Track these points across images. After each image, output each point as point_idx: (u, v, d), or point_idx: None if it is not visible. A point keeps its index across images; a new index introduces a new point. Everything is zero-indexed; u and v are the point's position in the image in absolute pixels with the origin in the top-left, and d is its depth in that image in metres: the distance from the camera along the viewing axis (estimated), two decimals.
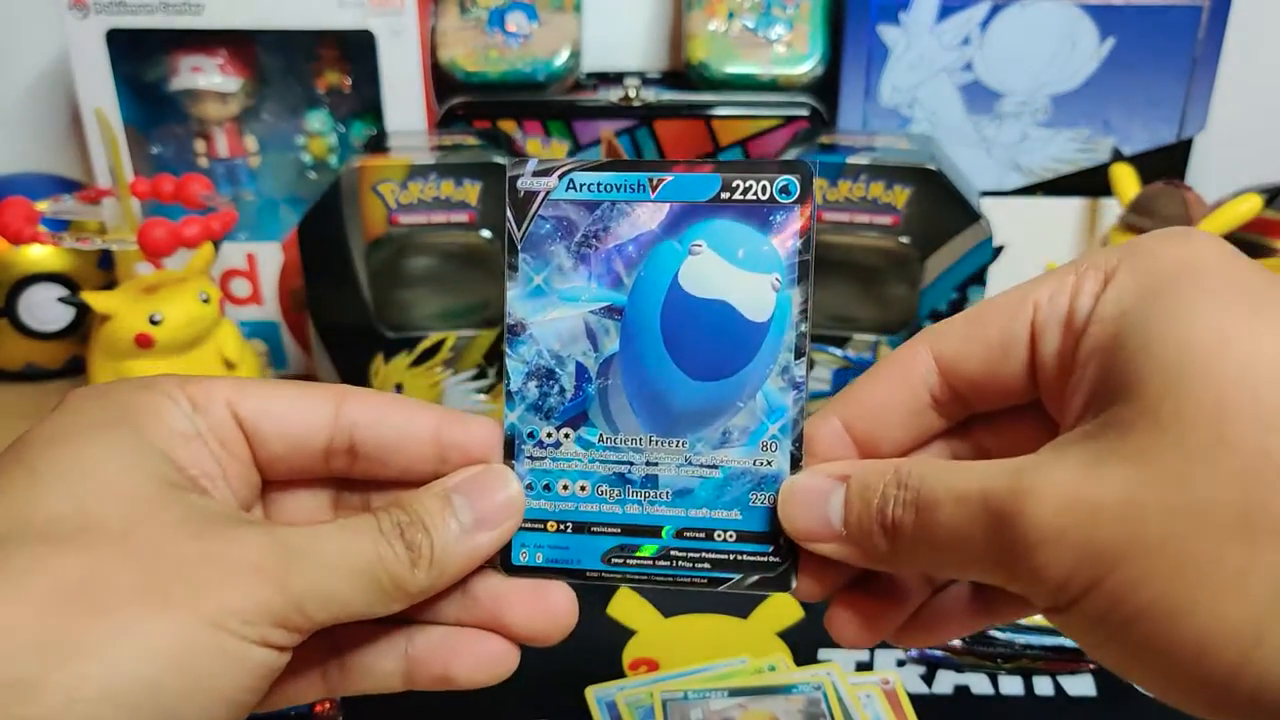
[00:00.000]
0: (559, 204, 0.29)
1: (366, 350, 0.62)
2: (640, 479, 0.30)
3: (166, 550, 0.24)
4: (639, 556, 0.30)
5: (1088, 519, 0.21)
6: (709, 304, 0.29)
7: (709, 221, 0.29)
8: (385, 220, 0.59)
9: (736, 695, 0.45)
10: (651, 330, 0.30)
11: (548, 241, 0.29)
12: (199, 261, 0.65)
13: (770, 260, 0.29)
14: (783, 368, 0.29)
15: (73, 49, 0.68)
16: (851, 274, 0.63)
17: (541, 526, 0.30)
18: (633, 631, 0.51)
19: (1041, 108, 0.72)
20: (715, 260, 0.29)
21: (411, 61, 0.70)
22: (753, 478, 0.29)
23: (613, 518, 0.30)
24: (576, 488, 0.30)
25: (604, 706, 0.45)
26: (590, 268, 0.30)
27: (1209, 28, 0.69)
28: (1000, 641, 0.48)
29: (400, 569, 0.26)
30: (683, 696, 0.45)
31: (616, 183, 0.29)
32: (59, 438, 0.26)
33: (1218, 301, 0.22)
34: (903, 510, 0.24)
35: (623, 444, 0.30)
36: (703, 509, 0.30)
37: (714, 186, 0.29)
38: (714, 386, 0.29)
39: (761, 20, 0.73)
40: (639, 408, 0.30)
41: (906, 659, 0.49)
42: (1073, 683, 0.47)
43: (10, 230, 0.60)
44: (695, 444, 0.30)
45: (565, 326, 0.30)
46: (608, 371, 0.30)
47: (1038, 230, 0.74)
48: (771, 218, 0.29)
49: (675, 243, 0.29)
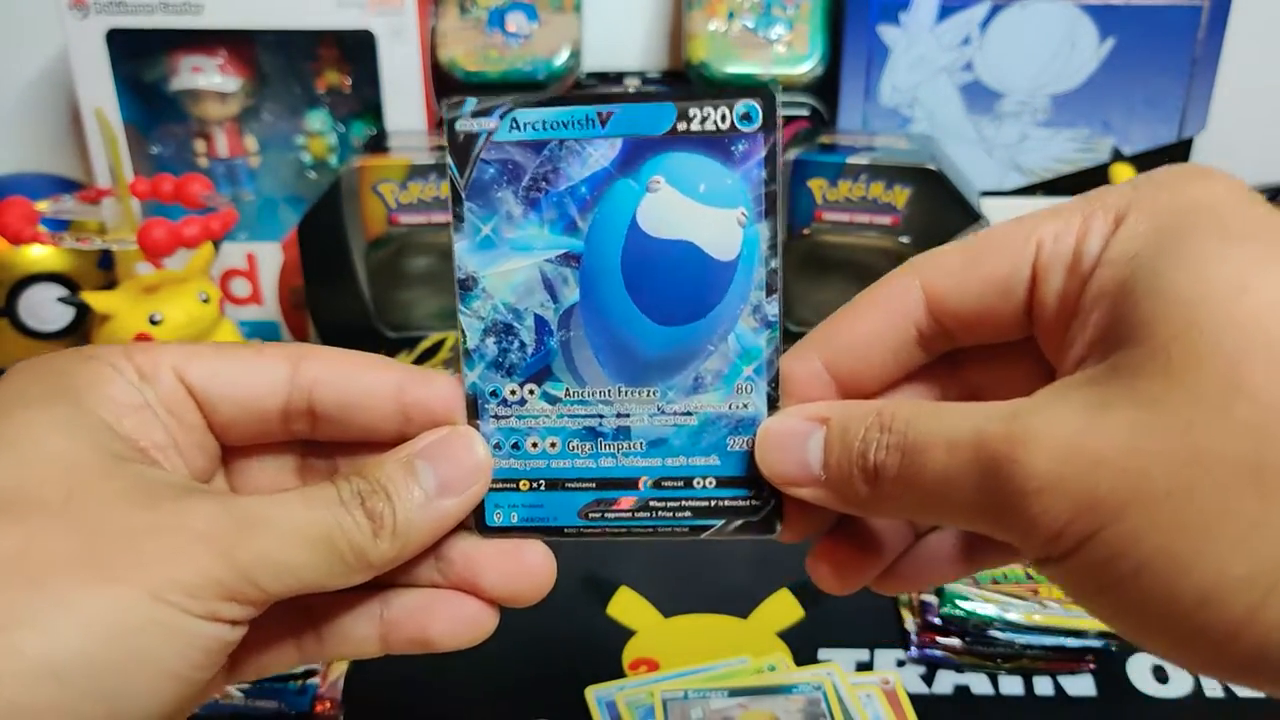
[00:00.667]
0: (503, 146, 0.27)
1: (366, 350, 0.62)
2: (612, 431, 0.29)
3: (108, 521, 0.23)
4: (617, 510, 0.29)
5: (1089, 467, 0.20)
6: (672, 244, 0.27)
7: (666, 155, 0.27)
8: (385, 220, 0.59)
9: (736, 695, 0.45)
10: (612, 276, 0.28)
11: (494, 187, 0.27)
12: (199, 261, 0.65)
13: (735, 194, 0.27)
14: (754, 306, 0.28)
15: (72, 49, 0.68)
16: (851, 274, 0.63)
17: (514, 486, 0.29)
18: (633, 631, 0.51)
19: (1041, 108, 0.72)
20: (676, 197, 0.27)
21: (411, 61, 0.70)
22: (729, 422, 0.28)
23: (586, 472, 0.29)
24: (546, 444, 0.29)
25: (604, 706, 0.45)
26: (542, 213, 0.28)
27: (1209, 28, 0.69)
28: (1000, 641, 0.48)
29: (362, 538, 0.25)
30: (683, 696, 0.45)
31: (563, 119, 0.27)
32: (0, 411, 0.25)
33: (1236, 246, 0.20)
34: (886, 454, 0.23)
35: (591, 397, 0.29)
36: (679, 457, 0.29)
37: (669, 117, 0.27)
38: (683, 331, 0.28)
39: (761, 20, 0.73)
40: (605, 358, 0.28)
41: (906, 659, 0.49)
42: (1073, 683, 0.47)
43: (10, 230, 0.60)
44: (667, 392, 0.28)
45: (520, 278, 0.28)
46: (569, 323, 0.28)
47: None
48: (733, 148, 0.26)
49: (631, 180, 0.27)
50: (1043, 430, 0.21)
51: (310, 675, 0.46)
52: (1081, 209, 0.24)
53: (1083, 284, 0.23)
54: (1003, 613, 0.48)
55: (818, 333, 0.27)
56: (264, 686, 0.45)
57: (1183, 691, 0.47)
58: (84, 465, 0.24)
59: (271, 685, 0.46)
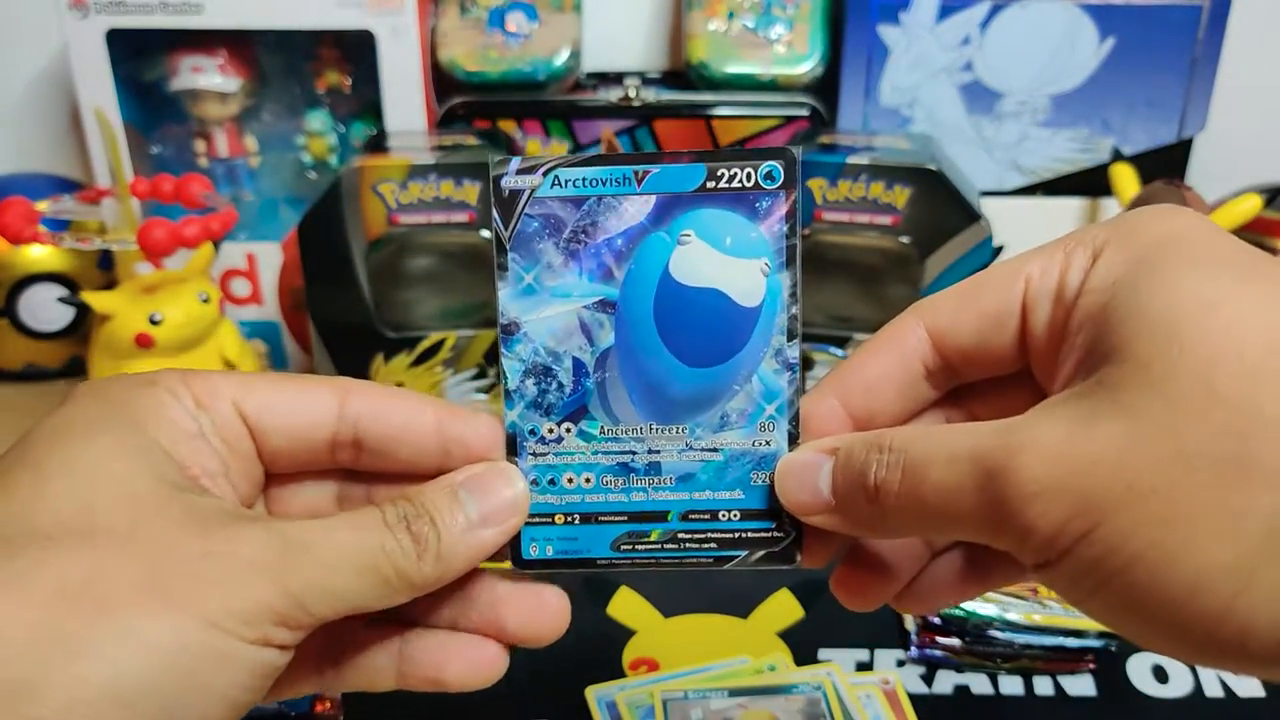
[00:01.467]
0: (545, 201, 0.29)
1: (367, 350, 0.62)
2: (643, 467, 0.30)
3: (168, 550, 0.24)
4: (647, 541, 0.31)
5: (1080, 470, 0.22)
6: (701, 292, 0.30)
7: (696, 211, 0.29)
8: (385, 220, 0.59)
9: (736, 695, 0.45)
10: (645, 321, 0.30)
11: (536, 239, 0.30)
12: (199, 261, 0.65)
13: (759, 246, 0.29)
14: (776, 350, 0.30)
15: (72, 49, 0.68)
16: (851, 274, 0.63)
17: (549, 520, 0.30)
18: (633, 631, 0.51)
19: (1041, 108, 0.72)
20: (704, 249, 0.30)
21: (411, 61, 0.70)
22: (753, 458, 0.30)
23: (619, 506, 0.31)
24: (581, 480, 0.31)
25: (604, 706, 0.45)
26: (580, 263, 0.30)
27: (1209, 28, 0.69)
28: (1000, 641, 0.48)
29: (406, 561, 0.26)
30: (683, 696, 0.45)
31: (602, 177, 0.29)
32: (63, 435, 0.26)
33: (1204, 270, 0.23)
34: (886, 472, 0.25)
35: (624, 434, 0.30)
36: (706, 491, 0.30)
37: (699, 176, 0.29)
38: (710, 372, 0.30)
39: (761, 20, 0.73)
40: (638, 398, 0.30)
41: (906, 659, 0.49)
42: (1072, 683, 0.48)
43: (10, 230, 0.60)
44: (695, 429, 0.30)
45: (559, 323, 0.30)
46: (604, 365, 0.30)
47: (1037, 230, 0.74)
48: (757, 204, 0.29)
49: (664, 234, 0.29)
50: (1035, 440, 0.22)
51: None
52: (1064, 246, 0.26)
53: (1068, 313, 0.25)
54: (1002, 613, 0.48)
55: (833, 374, 0.29)
56: None
57: (1182, 691, 0.47)
58: (144, 494, 0.25)
59: None
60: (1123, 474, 0.21)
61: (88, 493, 0.24)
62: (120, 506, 0.24)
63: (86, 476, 0.25)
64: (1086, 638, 0.47)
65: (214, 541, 0.24)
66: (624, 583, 0.54)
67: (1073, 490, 0.21)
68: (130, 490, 0.24)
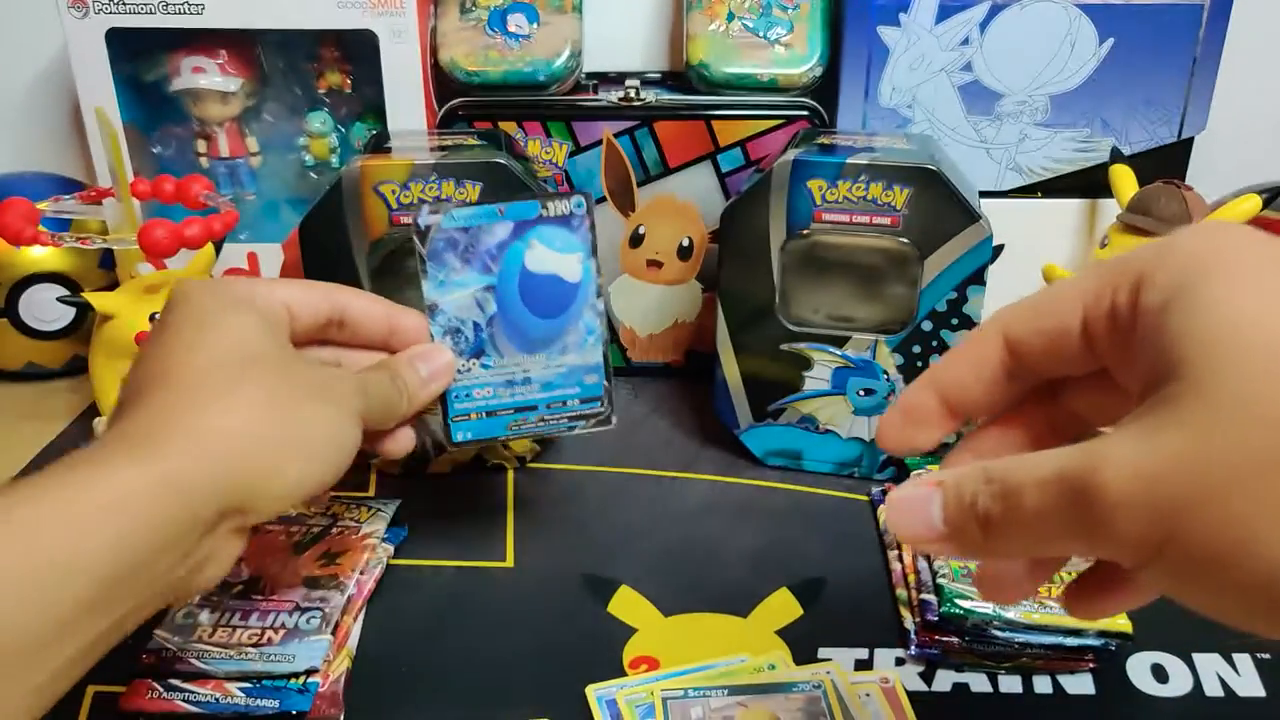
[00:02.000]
0: (447, 230, 0.49)
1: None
2: (520, 380, 0.52)
3: (306, 374, 0.40)
4: (527, 424, 0.52)
5: (1154, 481, 0.24)
6: (545, 277, 0.51)
7: (537, 228, 0.50)
8: (387, 220, 0.59)
9: (736, 694, 0.45)
10: (513, 295, 0.51)
11: (443, 253, 0.50)
12: (200, 262, 0.65)
13: (575, 245, 0.51)
14: (591, 304, 0.51)
15: (72, 48, 0.68)
16: (851, 274, 0.63)
17: (468, 417, 0.52)
18: (633, 629, 0.51)
19: (1041, 108, 0.72)
20: (544, 250, 0.51)
21: (412, 62, 0.70)
22: (583, 368, 0.52)
23: (509, 403, 0.52)
24: (485, 392, 0.52)
25: (605, 705, 0.45)
26: (471, 264, 0.50)
27: (1209, 28, 0.69)
28: (999, 640, 0.48)
29: (399, 400, 0.46)
30: (683, 694, 0.45)
31: (479, 214, 0.50)
32: (194, 319, 0.39)
33: (1245, 289, 0.25)
34: (991, 501, 0.28)
35: (507, 364, 0.51)
36: (558, 389, 0.52)
37: (537, 209, 0.50)
38: (555, 322, 0.51)
39: (761, 21, 0.73)
40: (512, 341, 0.51)
41: (906, 657, 0.49)
42: (1072, 681, 0.48)
43: (11, 230, 0.60)
44: (549, 355, 0.52)
45: (462, 302, 0.50)
46: (492, 324, 0.51)
47: (1037, 230, 0.74)
48: (572, 222, 0.50)
49: (520, 243, 0.50)
50: (1113, 458, 0.25)
51: (311, 674, 0.46)
52: (1115, 272, 0.29)
53: (1126, 337, 0.28)
54: (1002, 611, 0.48)
55: (928, 372, 0.34)
56: (265, 686, 0.46)
57: (1182, 690, 0.47)
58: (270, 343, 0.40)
59: (273, 685, 0.46)
60: (1192, 479, 0.24)
61: (241, 339, 0.39)
62: (266, 347, 0.40)
63: (235, 329, 0.39)
64: (1086, 636, 0.47)
65: (325, 374, 0.42)
66: (624, 581, 0.54)
67: (1151, 499, 0.24)
68: (263, 340, 0.40)
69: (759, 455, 0.66)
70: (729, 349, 0.64)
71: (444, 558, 0.57)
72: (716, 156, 0.73)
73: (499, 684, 0.48)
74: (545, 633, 0.51)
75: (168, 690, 0.46)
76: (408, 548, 0.58)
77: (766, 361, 0.64)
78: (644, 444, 0.70)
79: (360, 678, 0.48)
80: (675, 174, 0.73)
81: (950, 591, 0.49)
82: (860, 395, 0.63)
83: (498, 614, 0.53)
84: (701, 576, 0.55)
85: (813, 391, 0.64)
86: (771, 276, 0.61)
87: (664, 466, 0.67)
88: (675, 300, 0.77)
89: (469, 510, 0.62)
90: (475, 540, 0.59)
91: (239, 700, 0.45)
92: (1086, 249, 0.74)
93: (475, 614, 0.53)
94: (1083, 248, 0.74)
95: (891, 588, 0.54)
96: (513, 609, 0.53)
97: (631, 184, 0.74)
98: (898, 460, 0.64)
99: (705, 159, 0.73)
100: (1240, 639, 0.50)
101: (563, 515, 0.62)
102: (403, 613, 0.53)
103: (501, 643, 0.51)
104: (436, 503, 0.63)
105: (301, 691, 0.46)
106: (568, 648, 0.50)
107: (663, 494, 0.64)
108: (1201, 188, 0.67)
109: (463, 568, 0.56)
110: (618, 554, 0.57)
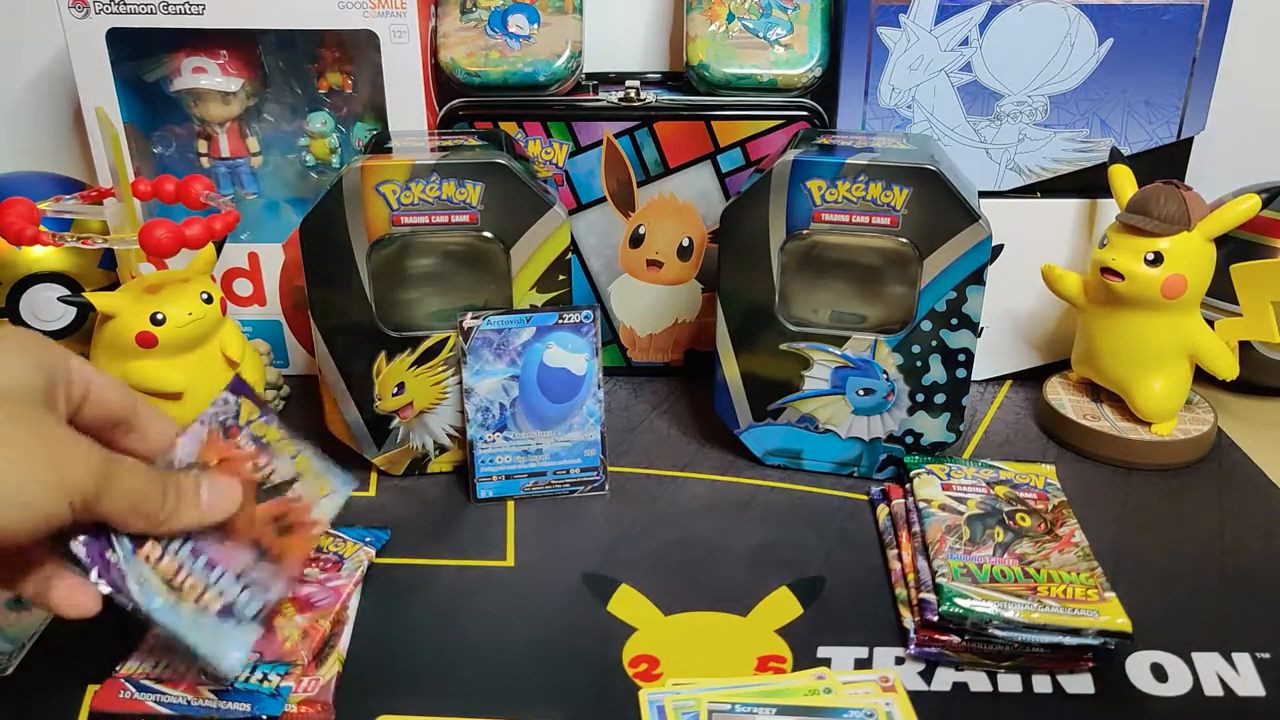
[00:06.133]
0: (484, 332, 0.61)
1: (369, 349, 0.62)
2: (534, 451, 0.63)
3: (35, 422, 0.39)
4: (537, 485, 0.63)
5: None
6: (559, 369, 0.63)
7: (554, 332, 0.62)
8: (387, 220, 0.59)
9: (784, 714, 0.45)
10: (532, 383, 0.63)
11: (481, 348, 0.62)
12: (201, 261, 0.65)
13: (583, 348, 0.63)
14: (593, 393, 0.63)
15: (73, 48, 0.69)
16: (851, 274, 0.63)
17: (491, 479, 0.63)
18: (633, 629, 0.51)
19: (1040, 108, 0.72)
20: (559, 350, 0.63)
21: (413, 62, 0.70)
22: (584, 442, 0.64)
23: (524, 469, 0.64)
24: (505, 459, 0.63)
25: (655, 709, 0.45)
26: (500, 358, 0.62)
27: (1209, 28, 0.69)
28: (999, 639, 0.48)
29: (158, 503, 0.42)
30: (730, 709, 0.45)
31: (510, 320, 0.62)
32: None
33: None
34: None
35: (524, 437, 0.63)
36: (563, 459, 0.64)
37: (554, 318, 0.62)
38: (564, 405, 0.63)
39: (761, 22, 0.73)
40: (530, 419, 0.63)
41: (905, 656, 0.49)
42: (1071, 681, 0.48)
43: (12, 230, 0.60)
44: (558, 432, 0.63)
45: (492, 387, 0.62)
46: (514, 404, 0.63)
47: (1036, 230, 0.74)
48: (582, 329, 0.62)
49: (540, 344, 0.62)
50: None
51: (285, 678, 0.46)
52: None
53: None
54: (1001, 611, 0.48)
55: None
56: (237, 689, 0.46)
57: (1181, 690, 0.47)
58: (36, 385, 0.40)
59: (245, 689, 0.46)
60: None
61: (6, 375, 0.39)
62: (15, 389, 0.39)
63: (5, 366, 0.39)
64: (1084, 636, 0.47)
65: (64, 436, 0.39)
66: (624, 581, 0.55)
67: None
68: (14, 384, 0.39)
69: (758, 455, 0.67)
70: (729, 349, 0.64)
71: (444, 557, 0.57)
72: (716, 157, 0.73)
73: (499, 683, 0.48)
74: (545, 632, 0.51)
75: (139, 690, 0.46)
76: (408, 548, 0.58)
77: (766, 361, 0.64)
78: (644, 443, 0.70)
79: (354, 675, 0.48)
80: (675, 174, 0.73)
81: (949, 590, 0.49)
82: (860, 395, 0.63)
83: (498, 614, 0.53)
84: (701, 576, 0.55)
85: (812, 391, 0.64)
86: (771, 276, 0.62)
87: (664, 466, 0.67)
88: (675, 300, 0.78)
89: (469, 510, 0.63)
90: (475, 540, 0.59)
91: (210, 703, 0.45)
92: (1086, 249, 0.74)
93: (475, 613, 0.53)
94: (1082, 248, 0.74)
95: (891, 587, 0.54)
96: (513, 609, 0.53)
97: (632, 184, 0.74)
98: (897, 460, 0.64)
99: (705, 159, 0.73)
100: (1240, 639, 0.50)
101: (563, 515, 0.62)
102: (403, 612, 0.53)
103: (501, 642, 0.51)
104: (437, 502, 0.63)
105: (274, 696, 0.45)
106: (568, 647, 0.50)
107: (663, 493, 0.64)
108: (1201, 188, 0.67)
109: (463, 567, 0.57)
110: (618, 554, 0.58)
